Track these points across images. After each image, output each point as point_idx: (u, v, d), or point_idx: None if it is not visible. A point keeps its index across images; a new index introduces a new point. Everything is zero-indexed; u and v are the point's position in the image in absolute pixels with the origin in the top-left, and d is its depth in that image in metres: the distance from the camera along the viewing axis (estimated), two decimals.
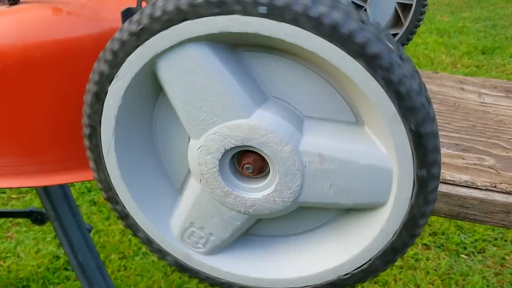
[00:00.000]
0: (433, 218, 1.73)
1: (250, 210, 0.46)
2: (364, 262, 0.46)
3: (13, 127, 0.62)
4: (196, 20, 0.39)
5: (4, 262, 1.61)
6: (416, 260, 1.61)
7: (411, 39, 0.85)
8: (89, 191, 1.92)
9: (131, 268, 1.58)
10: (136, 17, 0.41)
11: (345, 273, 0.47)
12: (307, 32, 0.38)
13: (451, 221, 1.74)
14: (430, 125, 0.40)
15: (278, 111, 0.43)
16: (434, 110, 0.40)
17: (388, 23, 0.84)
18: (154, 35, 0.41)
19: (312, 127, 0.44)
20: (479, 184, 0.57)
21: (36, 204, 1.83)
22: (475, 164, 0.61)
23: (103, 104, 0.45)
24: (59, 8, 0.61)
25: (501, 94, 0.81)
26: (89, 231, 1.39)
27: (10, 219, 1.78)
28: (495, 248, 1.65)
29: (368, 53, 0.37)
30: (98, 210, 1.82)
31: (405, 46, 0.85)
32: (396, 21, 0.84)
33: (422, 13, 0.82)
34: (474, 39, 3.46)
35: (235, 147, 0.43)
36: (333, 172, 0.43)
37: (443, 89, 0.83)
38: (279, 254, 0.52)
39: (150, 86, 0.46)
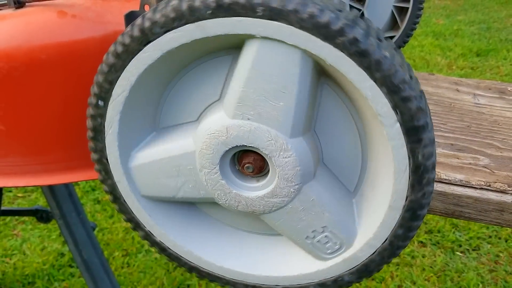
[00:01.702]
0: (429, 216, 1.73)
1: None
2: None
3: (19, 127, 0.62)
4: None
5: (10, 259, 1.61)
6: (412, 257, 1.61)
7: (408, 41, 0.85)
8: (93, 190, 1.92)
9: (134, 265, 1.58)
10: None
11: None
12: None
13: (447, 219, 1.74)
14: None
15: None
16: (430, 111, 0.40)
17: (385, 26, 0.84)
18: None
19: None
20: (474, 183, 0.57)
21: (41, 202, 1.83)
22: (470, 163, 0.61)
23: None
24: (64, 11, 0.61)
25: (495, 95, 0.81)
26: (93, 229, 1.39)
27: (16, 217, 1.78)
28: (489, 246, 1.65)
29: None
30: (102, 209, 1.82)
31: (401, 48, 0.85)
32: (393, 24, 0.84)
33: (418, 16, 0.82)
34: (469, 41, 3.46)
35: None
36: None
37: (439, 90, 0.83)
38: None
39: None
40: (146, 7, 0.51)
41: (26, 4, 0.62)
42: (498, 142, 0.66)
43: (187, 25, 0.40)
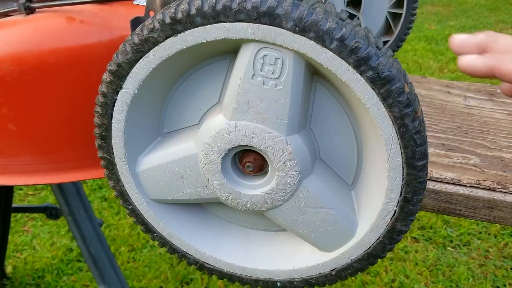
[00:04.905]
0: (421, 213, 1.73)
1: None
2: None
3: (29, 128, 0.62)
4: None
5: (21, 254, 1.61)
6: (406, 252, 1.61)
7: (401, 46, 0.85)
8: (100, 188, 1.92)
9: (139, 260, 1.58)
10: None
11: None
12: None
13: (438, 215, 1.74)
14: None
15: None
16: (423, 112, 0.40)
17: (379, 31, 0.84)
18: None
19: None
20: (465, 182, 0.57)
21: (50, 200, 1.83)
22: (461, 162, 0.61)
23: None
24: (72, 17, 0.61)
25: (485, 97, 0.81)
26: (100, 225, 1.39)
27: (27, 214, 1.78)
28: (479, 241, 1.66)
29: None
30: (108, 206, 1.83)
31: (395, 52, 0.85)
32: (387, 29, 0.84)
33: (411, 21, 0.82)
34: None
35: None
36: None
37: (431, 92, 0.83)
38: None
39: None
40: (151, 13, 0.51)
41: (36, 10, 0.62)
42: (487, 142, 0.66)
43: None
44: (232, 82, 0.42)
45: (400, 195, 0.41)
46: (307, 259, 0.48)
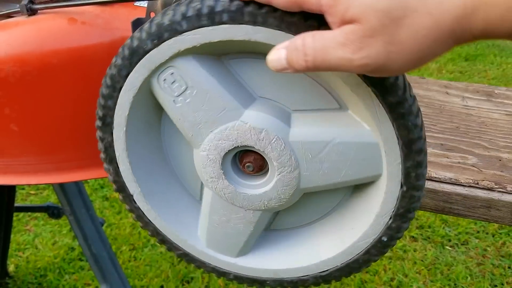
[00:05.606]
0: (420, 212, 1.73)
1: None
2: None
3: (32, 128, 0.62)
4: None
5: (23, 253, 1.61)
6: (404, 251, 1.61)
7: None
8: (102, 187, 1.92)
9: (140, 259, 1.58)
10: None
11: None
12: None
13: (437, 215, 1.74)
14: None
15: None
16: (421, 110, 0.40)
17: None
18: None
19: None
20: (463, 181, 0.57)
21: (52, 199, 1.83)
22: (459, 162, 0.61)
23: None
24: (74, 19, 0.61)
25: (482, 98, 0.81)
26: (102, 224, 1.39)
27: (29, 213, 1.78)
28: (477, 240, 1.66)
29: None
30: (110, 205, 1.83)
31: None
32: None
33: None
34: (457, 46, 3.46)
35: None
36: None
37: (429, 93, 0.83)
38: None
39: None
40: (152, 14, 0.51)
41: (38, 11, 0.62)
42: (485, 142, 0.66)
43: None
44: (172, 120, 0.44)
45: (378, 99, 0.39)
46: (365, 220, 0.46)
